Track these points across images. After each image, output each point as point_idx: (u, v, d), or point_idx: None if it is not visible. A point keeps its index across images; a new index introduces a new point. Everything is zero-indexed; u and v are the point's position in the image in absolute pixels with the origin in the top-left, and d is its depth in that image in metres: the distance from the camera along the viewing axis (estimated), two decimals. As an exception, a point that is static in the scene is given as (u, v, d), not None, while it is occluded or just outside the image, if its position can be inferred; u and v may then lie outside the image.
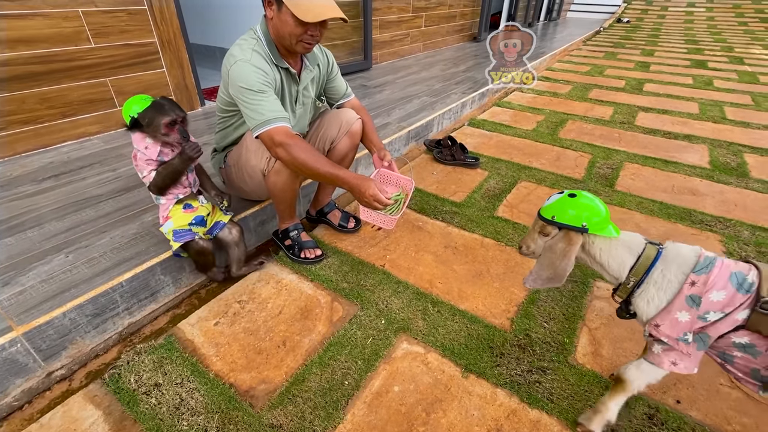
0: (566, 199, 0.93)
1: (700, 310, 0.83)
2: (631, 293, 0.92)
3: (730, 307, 0.81)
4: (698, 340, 0.86)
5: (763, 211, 2.09)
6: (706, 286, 0.82)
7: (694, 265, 0.85)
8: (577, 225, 0.90)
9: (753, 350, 0.83)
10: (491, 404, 1.13)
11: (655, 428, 1.08)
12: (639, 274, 0.89)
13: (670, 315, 0.85)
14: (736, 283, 0.82)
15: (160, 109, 1.23)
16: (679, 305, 0.84)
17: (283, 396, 1.14)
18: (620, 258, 0.91)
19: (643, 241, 0.92)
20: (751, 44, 7.82)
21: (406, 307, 1.45)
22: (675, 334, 0.86)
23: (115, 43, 2.33)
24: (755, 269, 0.84)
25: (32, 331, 1.13)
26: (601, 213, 0.91)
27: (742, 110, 3.74)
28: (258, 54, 1.35)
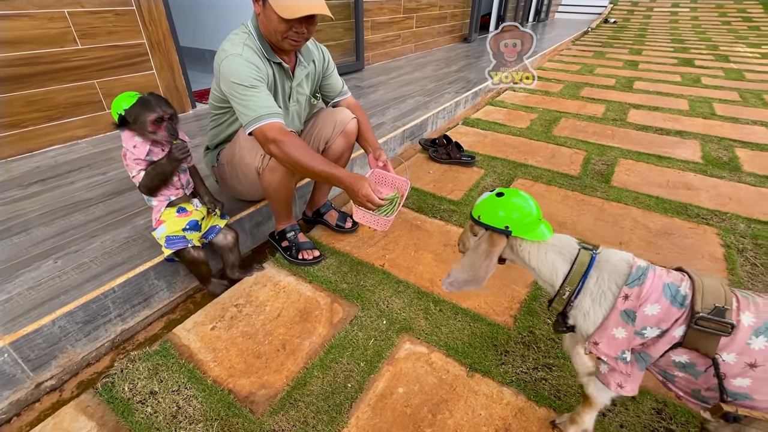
0: (493, 198, 0.87)
1: (636, 326, 0.77)
2: (567, 304, 0.85)
3: (666, 322, 0.76)
4: (639, 359, 0.81)
5: (757, 204, 2.11)
6: (639, 300, 0.76)
7: (627, 276, 0.79)
8: (500, 227, 0.85)
9: (693, 370, 0.77)
10: (498, 403, 1.11)
11: (663, 422, 1.06)
12: (574, 283, 0.82)
13: (607, 332, 0.79)
14: (669, 295, 0.76)
15: (146, 105, 1.19)
16: (615, 321, 0.78)
17: (285, 401, 1.10)
18: (551, 263, 0.85)
19: (576, 246, 0.86)
20: (735, 43, 7.97)
21: (408, 306, 1.42)
22: (613, 352, 0.80)
23: (103, 44, 2.28)
24: (688, 279, 0.79)
25: (20, 340, 1.08)
26: (531, 213, 0.86)
27: (730, 106, 3.79)
28: (250, 48, 1.32)
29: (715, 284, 0.75)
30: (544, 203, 2.09)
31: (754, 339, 0.70)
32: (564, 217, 1.97)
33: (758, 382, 0.71)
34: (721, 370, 0.73)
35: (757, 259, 1.68)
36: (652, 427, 1.05)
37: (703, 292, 0.74)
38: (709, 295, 0.73)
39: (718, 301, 0.72)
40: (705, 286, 0.75)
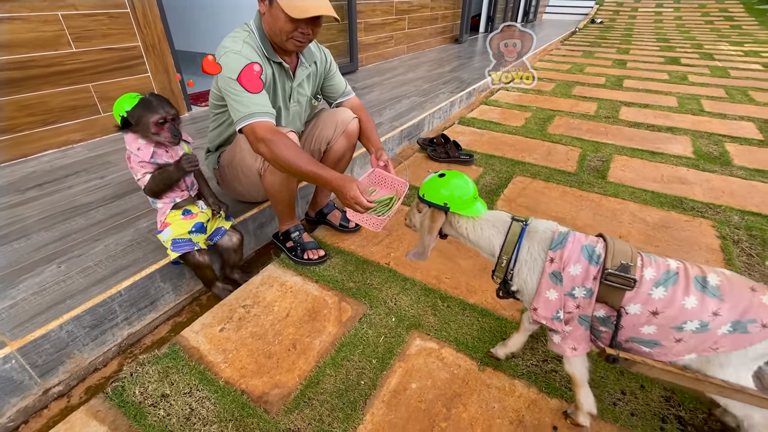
0: (436, 178, 0.97)
1: (564, 287, 0.85)
2: (506, 272, 0.93)
3: (588, 280, 0.84)
4: (581, 321, 0.88)
5: (749, 197, 2.16)
6: (563, 262, 0.85)
7: (551, 241, 0.87)
8: (440, 203, 0.95)
9: (609, 323, 0.86)
10: (510, 396, 1.12)
11: (672, 409, 1.08)
12: (509, 252, 0.91)
13: (542, 296, 0.87)
14: (587, 255, 0.84)
15: (148, 106, 1.19)
16: (546, 284, 0.86)
17: (299, 400, 1.10)
18: (487, 236, 0.95)
19: (509, 219, 0.95)
20: (718, 41, 8.16)
21: (416, 303, 1.43)
22: (549, 314, 0.88)
23: (97, 47, 2.25)
24: (603, 242, 0.87)
25: (27, 345, 1.06)
26: (468, 192, 0.95)
27: (717, 102, 3.88)
28: (249, 46, 1.31)
29: (625, 246, 0.85)
30: (543, 200, 2.12)
31: (655, 290, 0.80)
32: (563, 212, 2.00)
33: (661, 328, 0.81)
34: (622, 322, 0.84)
35: (752, 249, 1.73)
36: (662, 414, 1.07)
37: (614, 253, 0.83)
38: (618, 255, 0.82)
39: (625, 259, 0.82)
40: (616, 248, 0.84)
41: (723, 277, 0.80)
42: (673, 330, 0.80)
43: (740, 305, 0.76)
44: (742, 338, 0.76)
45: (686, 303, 0.78)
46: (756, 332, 0.75)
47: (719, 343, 0.78)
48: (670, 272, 0.81)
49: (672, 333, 0.80)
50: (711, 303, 0.77)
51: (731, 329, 0.76)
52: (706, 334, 0.78)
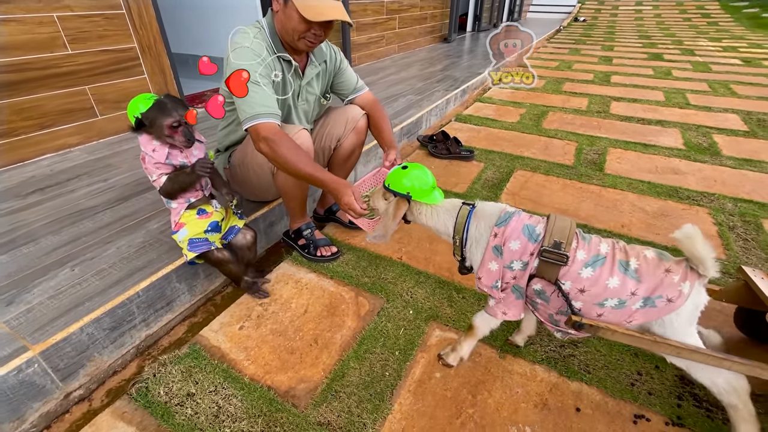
0: (400, 170, 1.08)
1: (504, 260, 0.95)
2: (462, 250, 1.04)
3: (525, 256, 0.93)
4: (515, 290, 0.98)
5: (740, 185, 2.24)
6: (504, 237, 0.94)
7: (497, 219, 0.97)
8: (403, 192, 1.06)
9: (545, 296, 0.96)
10: (532, 381, 1.15)
11: (687, 388, 1.13)
12: (459, 232, 1.02)
13: (485, 266, 0.97)
14: (527, 233, 0.94)
15: (162, 109, 1.18)
16: (489, 256, 0.96)
17: (326, 393, 1.11)
18: (442, 220, 1.06)
19: (459, 203, 1.06)
20: (697, 37, 8.41)
21: (431, 296, 1.45)
22: (489, 283, 0.98)
23: (93, 49, 2.22)
24: (545, 221, 0.95)
25: (50, 349, 1.04)
26: (427, 182, 1.07)
27: (702, 96, 4.01)
28: (259, 42, 1.31)
29: (564, 225, 0.92)
30: (545, 192, 2.17)
31: (584, 270, 0.89)
32: (566, 204, 2.05)
33: (587, 305, 0.91)
34: (552, 295, 0.94)
35: (747, 234, 1.80)
36: (678, 392, 1.11)
37: (552, 232, 0.91)
38: (555, 234, 0.91)
39: (561, 238, 0.90)
40: (555, 227, 0.92)
41: (643, 260, 0.89)
42: (596, 306, 0.90)
43: (652, 284, 0.86)
44: (650, 311, 0.87)
45: (609, 283, 0.88)
46: (662, 306, 0.86)
47: (633, 317, 0.89)
48: (599, 255, 0.90)
49: (594, 308, 0.91)
50: (630, 284, 0.87)
51: (642, 304, 0.87)
52: (623, 310, 0.89)
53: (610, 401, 1.09)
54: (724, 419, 1.04)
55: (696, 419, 1.04)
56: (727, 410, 0.94)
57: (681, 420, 1.04)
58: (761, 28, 9.65)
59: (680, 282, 0.85)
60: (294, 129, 1.39)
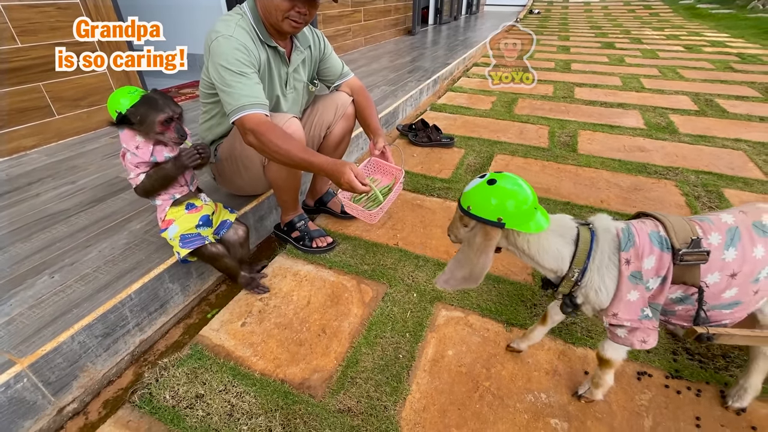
0: (484, 186, 0.79)
1: (644, 283, 0.80)
2: (575, 285, 0.84)
3: (663, 269, 0.79)
4: (653, 311, 0.83)
5: (699, 159, 2.42)
6: (639, 260, 0.79)
7: (618, 241, 0.81)
8: (492, 219, 0.78)
9: (689, 299, 0.83)
10: (541, 350, 1.19)
11: (679, 344, 1.20)
12: (581, 263, 0.81)
13: (623, 300, 0.81)
14: (658, 243, 0.80)
15: (153, 105, 1.11)
16: (627, 287, 0.80)
17: (342, 380, 1.09)
18: (554, 249, 0.82)
19: (575, 225, 0.84)
20: (642, 27, 8.94)
21: (432, 278, 1.46)
22: (634, 315, 0.82)
23: (46, 42, 2.04)
24: (660, 223, 0.83)
25: (39, 361, 0.96)
26: (527, 200, 0.78)
27: (654, 80, 4.27)
28: (242, 29, 1.25)
29: (679, 220, 0.82)
30: (526, 174, 2.23)
31: (726, 252, 0.79)
32: (548, 184, 2.12)
33: (742, 287, 0.80)
34: (705, 294, 0.80)
35: (711, 202, 1.94)
36: (672, 348, 1.19)
37: (675, 231, 0.80)
38: (680, 231, 0.79)
39: (688, 233, 0.78)
40: (674, 225, 0.81)
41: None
42: (751, 284, 0.80)
43: None
44: None
45: (756, 254, 0.78)
46: None
47: None
48: (732, 229, 0.79)
49: (750, 287, 0.80)
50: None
51: None
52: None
53: (615, 362, 1.15)
54: (716, 368, 1.13)
55: (692, 371, 1.12)
56: (755, 361, 0.94)
57: (679, 373, 1.11)
58: (697, 18, 10.42)
59: None
60: (284, 118, 1.34)
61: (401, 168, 1.48)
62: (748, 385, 0.98)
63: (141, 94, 1.12)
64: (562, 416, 1.01)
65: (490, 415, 1.01)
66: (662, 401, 1.04)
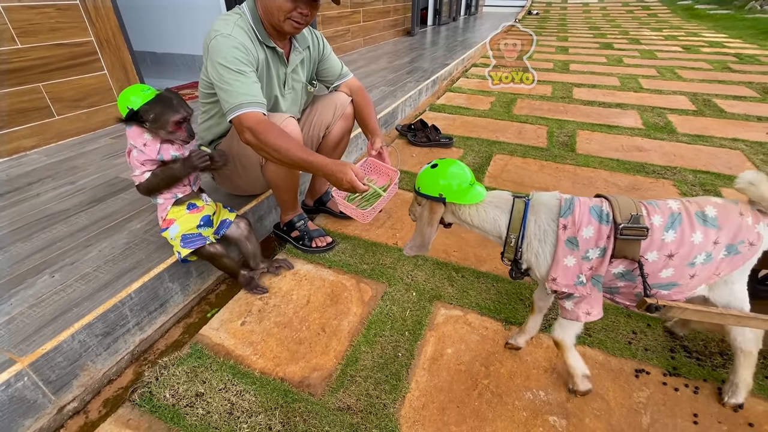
0: (429, 170, 0.94)
1: (580, 250, 0.86)
2: (516, 251, 0.92)
3: (602, 240, 0.85)
4: (595, 282, 0.89)
5: (696, 158, 2.43)
6: (576, 226, 0.86)
7: (559, 209, 0.88)
8: (435, 195, 0.92)
9: (630, 275, 0.88)
10: (539, 348, 1.19)
11: (677, 342, 1.21)
12: (517, 229, 0.90)
13: (560, 264, 0.87)
14: (596, 216, 0.86)
15: (168, 104, 1.12)
16: (563, 252, 0.87)
17: (342, 378, 1.10)
18: (491, 218, 0.93)
19: (510, 197, 0.94)
20: (641, 28, 8.97)
21: (431, 277, 1.47)
22: (570, 280, 0.88)
23: (46, 42, 2.05)
24: (606, 201, 0.89)
25: (39, 360, 0.96)
26: (465, 179, 0.92)
27: (652, 80, 4.29)
28: (241, 29, 1.26)
29: (627, 199, 0.88)
30: (525, 174, 2.24)
31: (666, 234, 0.85)
32: (546, 183, 2.13)
33: (678, 269, 0.86)
34: (645, 269, 0.86)
35: (709, 201, 1.95)
36: (670, 346, 1.20)
37: (620, 207, 0.86)
38: (624, 208, 0.85)
39: (632, 211, 0.85)
40: (620, 203, 0.87)
41: (718, 206, 0.86)
42: (687, 267, 0.85)
43: (732, 230, 0.84)
44: (736, 259, 0.85)
45: (694, 239, 0.83)
46: (745, 251, 0.84)
47: (720, 268, 0.86)
48: (674, 214, 0.86)
49: (687, 270, 0.86)
50: (712, 233, 0.84)
51: (726, 253, 0.84)
52: (711, 264, 0.85)
53: (612, 359, 1.15)
54: (713, 366, 1.13)
55: (689, 368, 1.13)
56: (737, 357, 0.97)
57: (677, 370, 1.12)
58: (695, 18, 10.45)
59: (754, 224, 0.84)
60: (281, 117, 1.35)
61: (396, 169, 1.48)
62: (738, 381, 0.99)
63: (155, 93, 1.13)
64: (561, 413, 1.01)
65: (488, 413, 1.02)
66: (660, 398, 1.05)
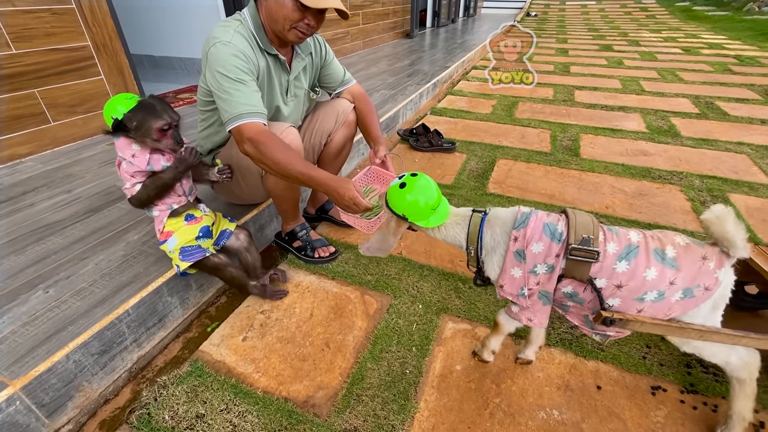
0: (397, 188, 0.94)
1: (528, 264, 0.87)
2: (478, 261, 0.96)
3: (551, 258, 0.85)
4: (541, 297, 0.91)
5: (702, 162, 2.40)
6: (525, 240, 0.87)
7: (513, 222, 0.90)
8: (398, 213, 0.95)
9: (578, 297, 0.88)
10: (551, 364, 1.16)
11: (692, 356, 1.17)
12: (474, 242, 0.94)
13: (507, 273, 0.90)
14: (549, 233, 0.86)
15: (151, 111, 1.07)
16: (511, 263, 0.89)
17: (347, 398, 1.06)
18: (452, 234, 0.97)
19: (469, 212, 0.97)
20: (639, 29, 8.98)
21: (437, 288, 1.43)
22: (514, 290, 0.91)
23: (41, 47, 2.01)
24: (565, 217, 0.88)
25: (32, 383, 0.92)
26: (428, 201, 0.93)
27: (653, 83, 4.27)
28: (241, 36, 1.22)
29: (586, 219, 0.86)
30: (530, 179, 2.21)
31: (618, 263, 0.83)
32: (551, 189, 2.10)
33: (625, 300, 0.84)
34: (585, 295, 0.87)
35: (717, 208, 1.92)
36: (686, 361, 1.16)
37: (576, 228, 0.84)
38: (580, 229, 0.84)
39: (587, 233, 0.83)
40: (578, 223, 0.85)
41: (679, 248, 0.83)
42: (635, 301, 0.84)
43: (691, 273, 0.81)
44: (689, 302, 0.82)
45: (647, 275, 0.81)
46: (699, 295, 0.81)
47: (672, 309, 0.83)
48: (632, 245, 0.83)
49: (634, 304, 0.84)
50: (669, 273, 0.81)
51: (682, 296, 0.81)
52: (662, 303, 0.83)
53: (627, 376, 1.12)
54: (731, 382, 1.10)
55: (707, 384, 1.09)
56: (732, 385, 0.93)
57: (694, 387, 1.08)
58: (694, 20, 10.47)
59: (716, 269, 0.80)
60: (281, 127, 1.31)
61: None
62: (731, 413, 0.94)
63: (138, 100, 1.09)
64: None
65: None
66: (679, 417, 1.01)
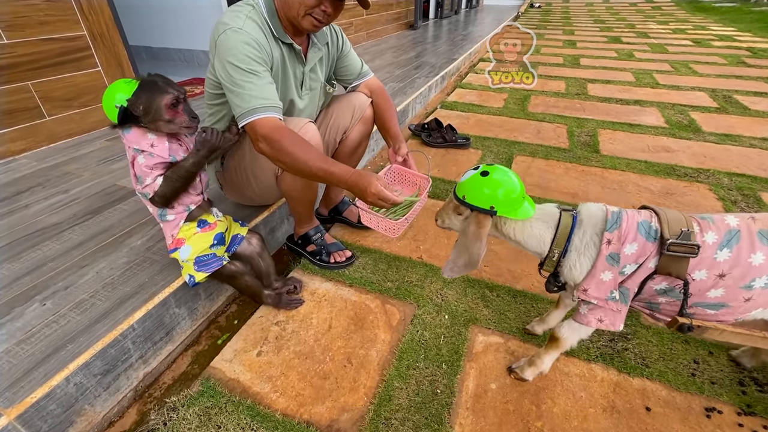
0: (478, 177, 0.87)
1: (619, 266, 0.83)
2: (557, 265, 0.90)
3: (643, 257, 0.82)
4: (621, 295, 0.85)
5: (728, 159, 2.30)
6: (620, 242, 0.82)
7: (605, 223, 0.84)
8: (485, 207, 0.85)
9: (674, 293, 0.84)
10: (593, 381, 1.07)
11: (744, 372, 1.09)
12: (561, 245, 0.87)
13: (596, 278, 0.84)
14: (644, 232, 0.82)
15: (154, 88, 0.95)
16: (602, 266, 0.83)
17: (375, 422, 0.97)
18: (537, 234, 0.89)
19: (557, 211, 0.90)
20: (646, 21, 8.81)
21: (463, 297, 1.34)
22: (603, 294, 0.85)
23: (35, 37, 1.89)
24: (655, 215, 0.85)
25: (28, 411, 0.83)
26: (515, 190, 0.86)
27: (667, 76, 4.15)
28: (253, 22, 1.10)
29: (678, 214, 0.83)
30: (551, 177, 2.11)
31: (719, 252, 0.78)
32: (574, 188, 2.00)
33: (729, 290, 0.79)
34: (690, 290, 0.81)
35: (750, 208, 1.82)
36: (738, 378, 1.07)
37: (669, 222, 0.80)
38: (674, 224, 0.80)
39: (683, 227, 0.79)
40: (669, 217, 0.82)
41: None
42: (742, 290, 0.78)
43: None
44: None
45: (753, 260, 0.76)
46: None
47: None
48: (732, 231, 0.79)
49: (741, 293, 0.79)
50: None
51: None
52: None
53: (677, 396, 1.03)
54: (791, 402, 1.01)
55: (765, 405, 1.00)
56: None
57: (751, 408, 1.00)
58: (701, 11, 10.30)
59: None
60: (300, 123, 1.21)
61: (428, 177, 1.35)
62: None
63: (138, 82, 0.97)
64: (628, 463, 0.89)
65: (546, 463, 0.89)
66: (739, 444, 0.93)
